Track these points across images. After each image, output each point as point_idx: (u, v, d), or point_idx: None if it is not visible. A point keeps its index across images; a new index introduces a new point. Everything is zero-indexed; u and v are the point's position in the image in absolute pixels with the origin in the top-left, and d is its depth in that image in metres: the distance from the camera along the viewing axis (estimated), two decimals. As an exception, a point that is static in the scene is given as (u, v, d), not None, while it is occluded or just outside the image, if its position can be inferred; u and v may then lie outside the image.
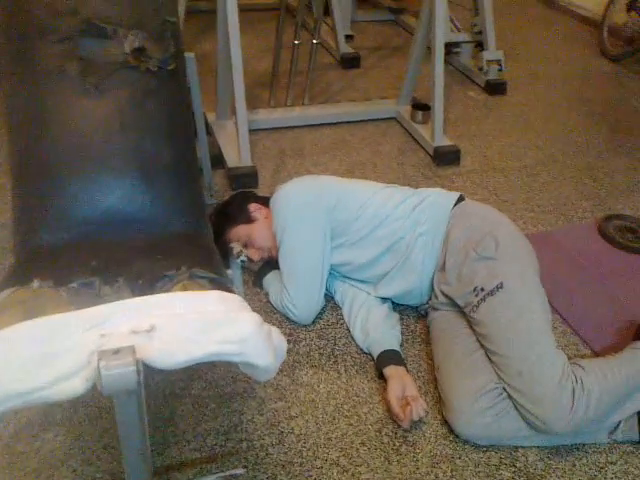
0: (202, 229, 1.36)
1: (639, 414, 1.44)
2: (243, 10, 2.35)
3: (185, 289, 0.99)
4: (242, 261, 1.71)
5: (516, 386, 1.39)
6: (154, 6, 1.42)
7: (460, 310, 1.60)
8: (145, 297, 0.96)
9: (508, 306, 1.47)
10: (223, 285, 1.04)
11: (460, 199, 1.73)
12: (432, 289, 1.69)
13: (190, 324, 0.93)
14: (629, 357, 1.50)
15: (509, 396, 1.40)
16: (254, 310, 1.77)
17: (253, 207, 1.82)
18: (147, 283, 1.01)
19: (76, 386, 0.86)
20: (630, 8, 3.81)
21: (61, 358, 0.87)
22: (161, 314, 0.93)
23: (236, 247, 1.65)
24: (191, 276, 1.02)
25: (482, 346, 1.50)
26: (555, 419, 1.34)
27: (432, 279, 1.69)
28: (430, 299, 1.72)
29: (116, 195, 1.27)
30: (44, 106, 1.29)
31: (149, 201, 1.29)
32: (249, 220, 1.79)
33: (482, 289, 1.50)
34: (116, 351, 0.84)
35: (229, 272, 1.25)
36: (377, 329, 1.67)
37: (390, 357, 1.60)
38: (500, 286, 1.47)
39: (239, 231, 1.78)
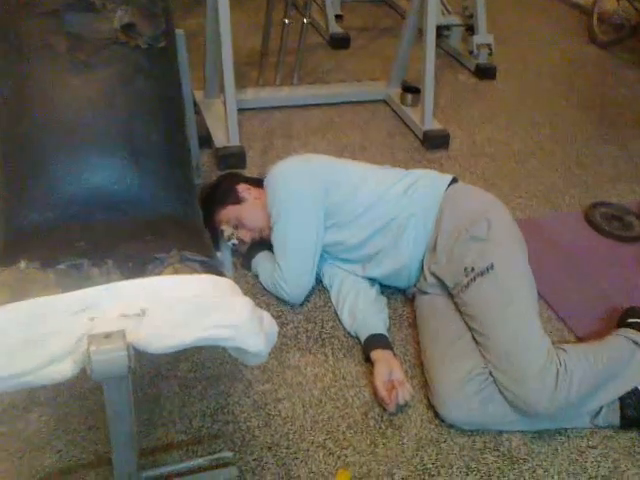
0: (192, 210, 1.34)
1: (621, 400, 1.46)
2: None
3: (176, 272, 0.98)
4: (233, 244, 1.69)
5: (501, 367, 1.40)
6: (144, -19, 1.38)
7: (448, 294, 1.61)
8: (135, 280, 0.95)
9: (497, 287, 1.48)
10: (214, 268, 1.03)
11: (453, 181, 1.73)
12: (421, 271, 1.70)
13: (181, 308, 0.92)
14: (612, 343, 1.52)
15: (494, 379, 1.41)
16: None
17: (242, 188, 1.80)
18: (137, 265, 0.99)
19: (64, 370, 0.85)
20: (620, -5, 3.81)
21: (49, 341, 0.86)
22: (152, 298, 0.92)
23: (227, 230, 1.63)
24: (182, 259, 1.00)
25: (469, 328, 1.51)
26: (538, 400, 1.36)
27: (422, 260, 1.69)
28: (418, 282, 1.72)
29: (104, 175, 1.24)
30: (30, 82, 1.26)
31: (138, 181, 1.26)
32: (238, 201, 1.77)
33: (472, 269, 1.51)
34: (107, 335, 0.83)
35: (219, 254, 1.24)
36: (365, 313, 1.67)
37: (377, 341, 1.60)
38: (491, 267, 1.49)
39: (228, 212, 1.76)
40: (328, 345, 1.66)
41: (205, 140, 2.45)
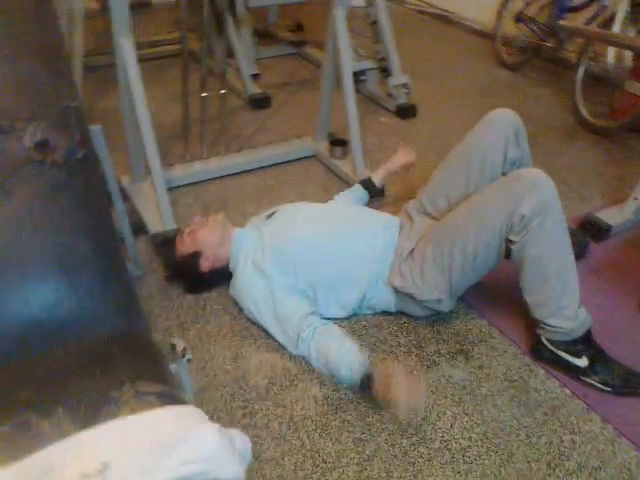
0: (137, 323, 1.27)
1: None
2: (144, 60, 2.27)
3: (133, 411, 0.90)
4: (188, 360, 1.58)
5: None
6: (52, 93, 1.32)
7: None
8: (92, 429, 0.87)
9: None
10: (173, 397, 0.96)
11: None
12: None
13: (146, 451, 0.85)
14: None
15: None
16: (212, 397, 1.67)
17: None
18: (90, 410, 0.91)
19: None
20: (518, 20, 3.98)
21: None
22: (113, 447, 0.85)
23: (179, 343, 1.53)
24: (137, 394, 0.93)
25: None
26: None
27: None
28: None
29: (38, 302, 1.16)
30: (-56, 217, 1.17)
31: (75, 303, 1.19)
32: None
33: None
34: (65, 508, 0.75)
35: (173, 367, 1.18)
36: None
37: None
38: None
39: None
40: (302, 428, 1.60)
41: (139, 227, 2.36)
